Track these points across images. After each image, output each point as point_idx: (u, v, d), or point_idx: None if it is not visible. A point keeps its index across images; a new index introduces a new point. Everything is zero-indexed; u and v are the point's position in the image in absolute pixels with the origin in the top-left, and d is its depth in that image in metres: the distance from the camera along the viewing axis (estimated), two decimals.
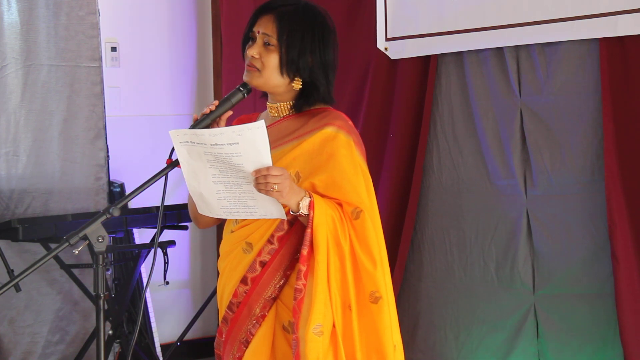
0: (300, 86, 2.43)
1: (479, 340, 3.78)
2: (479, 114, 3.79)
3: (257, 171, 2.18)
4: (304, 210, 2.28)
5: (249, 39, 2.45)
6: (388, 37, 4.03)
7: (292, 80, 2.42)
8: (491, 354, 3.74)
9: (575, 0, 3.41)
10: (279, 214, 2.28)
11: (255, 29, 2.42)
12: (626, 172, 3.36)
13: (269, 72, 2.40)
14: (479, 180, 3.80)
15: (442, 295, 3.92)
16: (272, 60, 2.39)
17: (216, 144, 2.15)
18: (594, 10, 3.35)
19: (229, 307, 2.45)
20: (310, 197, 2.29)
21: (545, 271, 3.60)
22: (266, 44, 2.40)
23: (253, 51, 2.41)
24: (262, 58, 2.40)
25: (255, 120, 2.53)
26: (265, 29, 2.40)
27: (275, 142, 2.41)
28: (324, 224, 2.30)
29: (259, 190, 2.19)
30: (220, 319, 2.50)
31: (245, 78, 2.42)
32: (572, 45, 3.49)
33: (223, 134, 2.14)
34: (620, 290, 3.33)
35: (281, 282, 2.40)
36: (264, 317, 2.40)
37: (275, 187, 2.18)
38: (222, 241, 2.51)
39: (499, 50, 3.69)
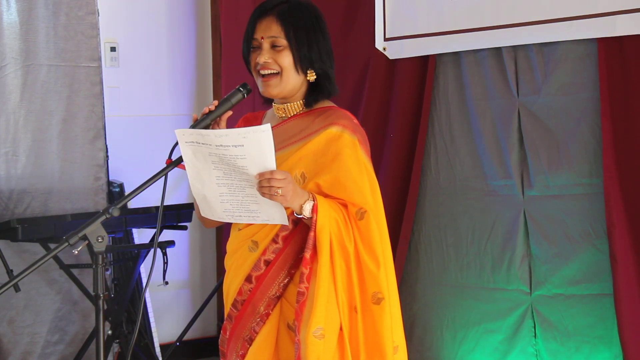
0: (315, 77, 2.42)
1: (476, 341, 3.78)
2: (476, 114, 3.79)
3: (261, 174, 2.18)
4: (306, 213, 2.28)
5: (250, 47, 2.43)
6: (386, 37, 4.03)
7: (306, 75, 2.42)
8: (489, 355, 3.74)
9: (574, 0, 3.41)
10: (281, 219, 2.28)
11: (257, 36, 2.41)
12: (625, 173, 3.36)
13: (286, 73, 2.39)
14: (476, 181, 3.80)
15: (439, 296, 3.92)
16: (286, 59, 2.39)
17: (221, 145, 2.15)
18: (592, 10, 3.36)
19: (234, 305, 2.45)
20: (313, 201, 2.29)
21: (542, 272, 3.60)
22: (274, 46, 2.39)
23: (264, 57, 2.39)
24: (276, 61, 2.39)
25: (261, 118, 2.54)
26: (269, 32, 2.39)
27: (282, 142, 2.41)
28: (327, 228, 2.29)
29: (263, 193, 2.19)
30: (225, 316, 2.51)
31: (262, 90, 2.42)
32: (571, 45, 3.49)
33: (228, 136, 2.14)
34: (619, 290, 3.33)
35: (285, 281, 2.40)
36: (268, 315, 2.41)
37: (279, 191, 2.17)
38: (230, 239, 2.52)
39: (497, 50, 3.69)
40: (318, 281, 2.28)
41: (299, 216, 2.30)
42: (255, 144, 2.13)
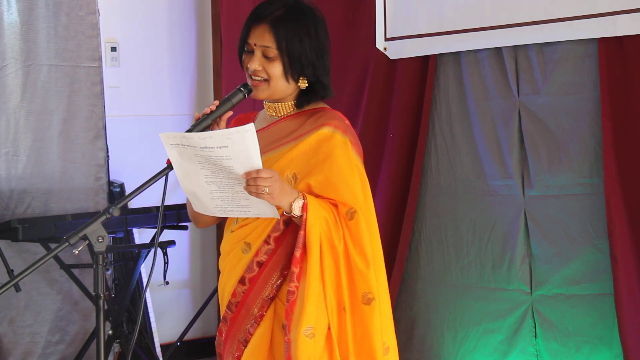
0: (307, 85, 2.42)
1: (476, 341, 3.78)
2: (476, 114, 3.79)
3: (247, 174, 2.19)
4: (296, 212, 2.29)
5: (244, 48, 2.44)
6: (387, 37, 4.03)
7: (297, 82, 2.42)
8: (489, 355, 3.74)
9: (574, 0, 3.41)
10: (272, 213, 2.29)
11: (250, 41, 2.41)
12: (625, 173, 3.36)
13: (275, 81, 2.39)
14: (476, 181, 3.80)
15: (440, 296, 3.92)
16: (276, 69, 2.39)
17: (206, 147, 2.15)
18: (592, 10, 3.35)
19: (228, 307, 2.46)
20: (303, 199, 2.29)
21: (543, 272, 3.60)
22: (266, 56, 2.39)
23: (254, 64, 2.39)
24: (266, 69, 2.39)
25: (253, 119, 2.55)
26: (262, 40, 2.39)
27: (273, 143, 2.42)
28: (317, 226, 2.30)
29: (250, 192, 2.20)
30: (220, 317, 2.51)
31: (252, 93, 2.41)
32: (571, 45, 3.49)
33: (212, 138, 2.14)
34: (619, 290, 3.33)
35: (278, 282, 2.40)
36: (262, 316, 2.41)
37: (266, 189, 2.19)
38: (223, 240, 2.52)
39: (498, 50, 3.69)
40: (308, 280, 2.29)
41: (288, 215, 2.31)
42: (240, 144, 2.14)
